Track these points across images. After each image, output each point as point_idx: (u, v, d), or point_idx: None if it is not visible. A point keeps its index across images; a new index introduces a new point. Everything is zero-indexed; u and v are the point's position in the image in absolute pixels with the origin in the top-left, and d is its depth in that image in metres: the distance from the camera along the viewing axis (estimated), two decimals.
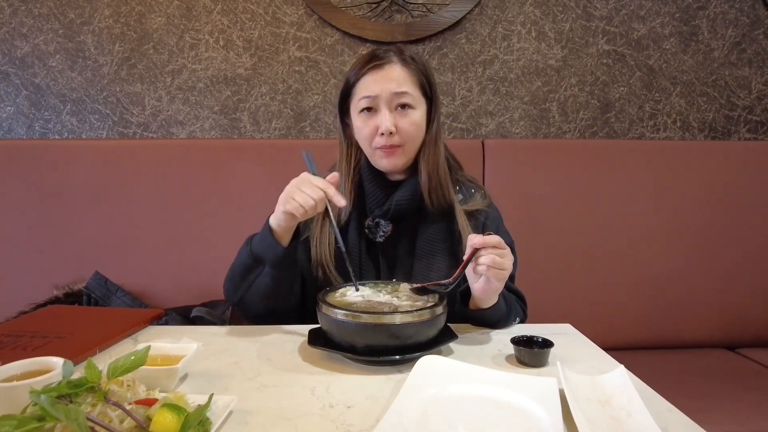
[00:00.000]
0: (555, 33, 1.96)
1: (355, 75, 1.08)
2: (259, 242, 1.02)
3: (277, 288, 1.04)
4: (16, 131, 1.93)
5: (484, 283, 0.95)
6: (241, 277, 1.05)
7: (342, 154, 1.17)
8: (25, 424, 0.55)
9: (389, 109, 1.06)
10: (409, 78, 1.07)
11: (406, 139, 1.08)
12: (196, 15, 1.90)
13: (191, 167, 1.71)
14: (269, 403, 0.74)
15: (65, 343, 0.95)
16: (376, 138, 1.07)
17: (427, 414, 0.69)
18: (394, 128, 1.05)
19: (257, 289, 1.04)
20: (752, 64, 2.00)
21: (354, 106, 1.09)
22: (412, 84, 1.07)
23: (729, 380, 1.49)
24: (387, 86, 1.05)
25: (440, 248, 1.11)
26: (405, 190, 1.12)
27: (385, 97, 1.05)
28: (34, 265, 1.67)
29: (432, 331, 0.90)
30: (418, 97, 1.09)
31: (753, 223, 1.77)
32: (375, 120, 1.06)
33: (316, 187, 0.94)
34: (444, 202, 1.12)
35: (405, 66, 1.07)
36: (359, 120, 1.09)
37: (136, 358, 0.66)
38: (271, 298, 1.05)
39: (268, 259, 1.01)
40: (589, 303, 1.73)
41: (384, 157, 1.09)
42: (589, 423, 0.66)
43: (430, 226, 1.12)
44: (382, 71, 1.05)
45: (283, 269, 1.03)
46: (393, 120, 1.05)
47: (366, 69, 1.06)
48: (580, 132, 2.02)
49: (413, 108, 1.07)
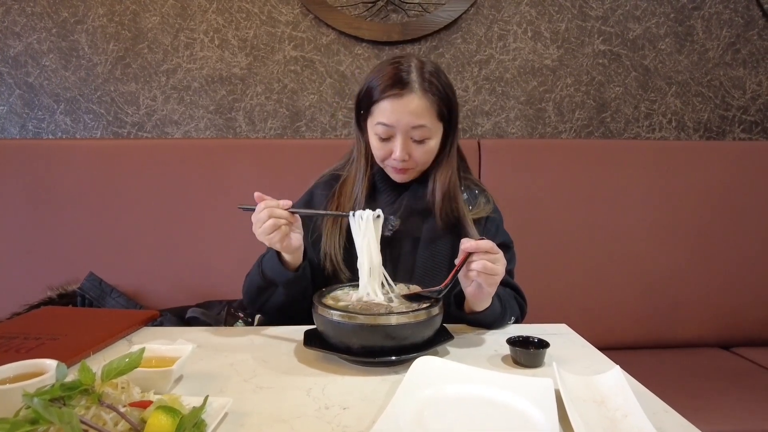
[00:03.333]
0: (551, 33, 1.97)
1: (377, 94, 1.07)
2: (270, 267, 1.06)
3: (291, 302, 1.09)
4: (9, 131, 1.92)
5: (476, 288, 0.95)
6: (256, 295, 1.11)
7: (360, 152, 1.18)
8: (18, 427, 0.54)
9: (405, 138, 1.07)
10: (427, 110, 1.06)
11: (419, 164, 1.11)
12: (191, 14, 1.89)
13: (186, 167, 1.71)
14: (265, 405, 0.74)
15: (59, 344, 0.94)
16: (389, 159, 1.10)
17: (423, 415, 0.69)
18: (407, 157, 1.08)
19: (273, 305, 1.11)
20: (747, 65, 2.01)
21: (371, 125, 1.10)
22: (430, 115, 1.07)
23: (724, 379, 1.50)
24: (405, 120, 1.05)
25: (443, 249, 1.12)
26: (415, 195, 1.15)
27: (401, 128, 1.06)
28: (28, 265, 1.66)
29: (428, 332, 0.90)
30: (435, 126, 1.09)
31: (748, 222, 1.78)
32: (390, 144, 1.08)
33: (260, 213, 0.96)
34: (452, 212, 1.13)
35: (424, 95, 1.05)
36: (374, 140, 1.10)
37: (131, 360, 0.66)
38: (287, 310, 1.10)
39: (280, 283, 1.06)
40: (584, 303, 1.73)
41: (395, 173, 1.12)
42: (585, 423, 0.66)
43: (435, 227, 1.14)
44: (402, 101, 1.04)
45: (295, 288, 1.07)
46: (407, 149, 1.07)
47: (387, 94, 1.05)
48: (576, 132, 2.02)
49: (429, 138, 1.09)
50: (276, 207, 0.96)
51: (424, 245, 1.13)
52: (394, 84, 1.05)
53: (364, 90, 1.11)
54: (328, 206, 1.17)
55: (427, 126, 1.06)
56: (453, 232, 1.14)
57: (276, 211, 0.96)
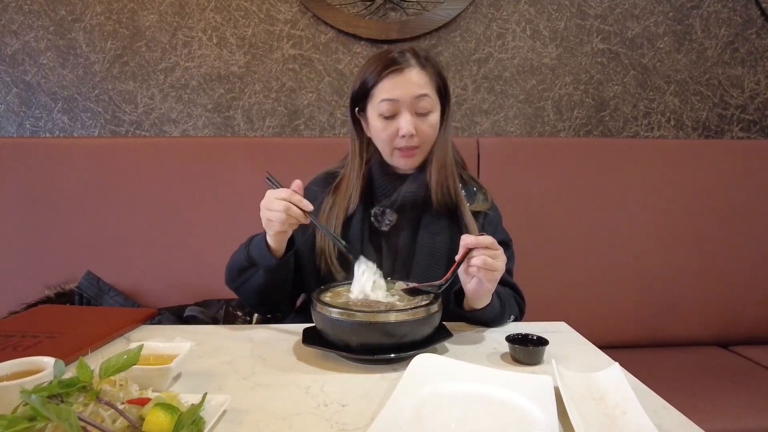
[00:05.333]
0: (549, 31, 1.97)
1: (374, 78, 1.09)
2: (256, 249, 1.06)
3: (268, 288, 1.10)
4: (6, 129, 1.91)
5: (476, 284, 0.95)
6: (237, 272, 1.11)
7: (354, 150, 1.18)
8: (15, 424, 0.54)
9: (410, 113, 1.08)
10: (428, 81, 1.09)
11: (424, 140, 1.11)
12: (189, 12, 1.89)
13: (184, 166, 1.70)
14: (263, 403, 0.73)
15: (57, 342, 0.93)
16: (396, 139, 1.10)
17: (422, 412, 0.69)
18: (414, 131, 1.08)
19: (250, 286, 1.10)
20: (745, 64, 2.01)
21: (373, 107, 1.10)
22: (431, 87, 1.09)
23: (722, 377, 1.50)
24: (408, 91, 1.06)
25: (442, 241, 1.12)
26: (413, 183, 1.14)
27: (406, 102, 1.07)
28: (26, 264, 1.65)
29: (427, 330, 0.90)
30: (435, 100, 1.11)
31: (746, 221, 1.78)
32: (395, 123, 1.08)
33: (278, 201, 0.96)
34: (449, 196, 1.14)
35: (423, 69, 1.09)
36: (378, 122, 1.10)
37: (129, 357, 0.65)
38: (263, 294, 1.11)
39: (262, 266, 1.06)
40: (583, 301, 1.73)
41: (402, 157, 1.12)
42: (584, 420, 0.66)
43: (434, 220, 1.14)
44: (403, 75, 1.07)
45: (275, 274, 1.07)
46: (414, 123, 1.08)
47: (386, 73, 1.07)
48: (575, 130, 2.02)
49: (431, 111, 1.10)
50: (298, 204, 0.96)
51: (423, 238, 1.13)
52: (392, 64, 1.07)
53: (358, 85, 1.12)
54: (323, 204, 1.17)
55: (430, 96, 1.08)
56: (452, 223, 1.14)
57: (293, 210, 0.96)
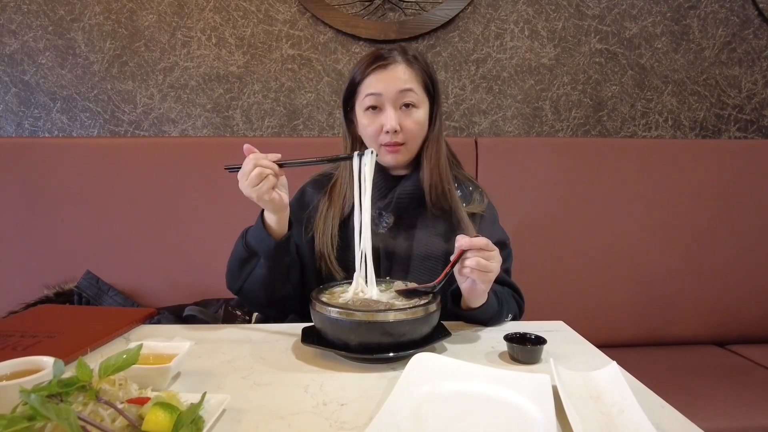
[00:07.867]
0: (548, 32, 1.97)
1: (360, 74, 1.10)
2: (253, 235, 1.05)
3: (273, 278, 1.07)
4: (5, 129, 1.91)
5: (471, 284, 0.95)
6: (238, 268, 1.08)
7: (347, 150, 1.19)
8: (15, 423, 0.54)
9: (394, 108, 1.08)
10: (414, 77, 1.10)
11: (410, 137, 1.11)
12: (188, 12, 1.89)
13: (183, 165, 1.70)
14: (262, 402, 0.74)
15: (56, 342, 0.93)
16: (381, 135, 1.10)
17: (420, 411, 0.69)
18: (398, 127, 1.08)
19: (254, 280, 1.07)
20: (742, 64, 2.02)
21: (359, 103, 1.12)
22: (416, 83, 1.10)
23: (719, 376, 1.51)
24: (392, 85, 1.07)
25: (438, 242, 1.13)
26: (407, 184, 1.15)
27: (390, 96, 1.07)
28: (25, 264, 1.65)
29: (425, 329, 0.90)
30: (422, 96, 1.11)
31: (743, 220, 1.78)
32: (380, 118, 1.09)
33: (246, 164, 0.95)
34: (444, 197, 1.14)
35: (409, 65, 1.09)
36: (365, 118, 1.11)
37: (128, 356, 0.65)
38: (269, 287, 1.08)
39: (262, 252, 1.04)
40: (581, 300, 1.74)
41: (388, 153, 1.11)
42: (582, 419, 0.66)
43: (430, 221, 1.14)
44: (387, 71, 1.08)
45: (276, 260, 1.05)
46: (397, 118, 1.08)
47: (371, 68, 1.08)
48: (573, 130, 2.03)
49: (417, 107, 1.10)
50: (263, 158, 0.96)
51: (419, 239, 1.13)
52: (378, 59, 1.08)
53: (348, 84, 1.13)
54: (319, 204, 1.17)
55: (415, 91, 1.08)
56: (447, 224, 1.14)
57: (262, 161, 0.95)
